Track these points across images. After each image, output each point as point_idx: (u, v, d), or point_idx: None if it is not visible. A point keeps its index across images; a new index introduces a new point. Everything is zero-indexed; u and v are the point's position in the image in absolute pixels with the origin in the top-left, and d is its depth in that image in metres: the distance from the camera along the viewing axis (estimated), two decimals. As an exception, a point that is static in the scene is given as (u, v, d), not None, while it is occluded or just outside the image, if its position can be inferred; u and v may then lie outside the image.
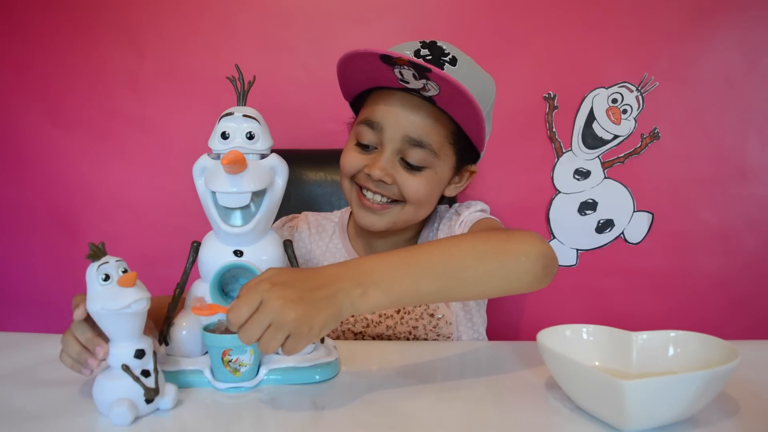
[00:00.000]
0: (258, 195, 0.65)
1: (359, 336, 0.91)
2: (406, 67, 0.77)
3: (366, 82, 0.87)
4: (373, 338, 0.91)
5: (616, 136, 1.36)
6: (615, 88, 1.35)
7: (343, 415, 0.59)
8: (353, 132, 0.90)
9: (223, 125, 0.65)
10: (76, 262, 1.34)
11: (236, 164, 0.61)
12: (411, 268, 0.64)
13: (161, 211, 1.40)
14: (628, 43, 1.33)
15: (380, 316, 0.90)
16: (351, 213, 1.02)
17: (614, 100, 1.35)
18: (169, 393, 0.59)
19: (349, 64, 0.83)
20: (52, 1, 1.37)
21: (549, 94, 1.35)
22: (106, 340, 0.58)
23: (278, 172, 0.67)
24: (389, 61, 0.77)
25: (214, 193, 0.65)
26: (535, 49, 1.34)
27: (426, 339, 0.90)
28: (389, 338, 0.90)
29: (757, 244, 1.36)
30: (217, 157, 0.65)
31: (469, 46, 0.90)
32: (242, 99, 0.67)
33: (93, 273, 0.55)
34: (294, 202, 1.19)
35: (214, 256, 0.67)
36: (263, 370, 0.66)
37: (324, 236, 1.01)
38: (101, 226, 1.41)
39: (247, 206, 0.65)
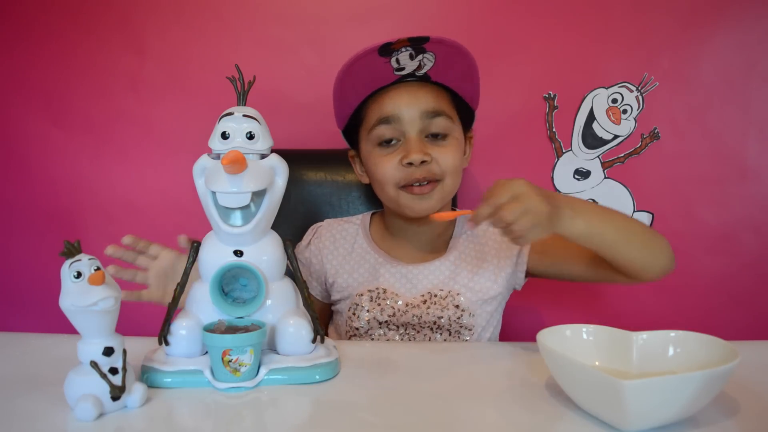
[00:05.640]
0: (258, 195, 0.65)
1: (385, 324, 0.93)
2: (403, 49, 0.85)
3: (362, 88, 0.92)
4: (398, 327, 0.93)
5: (616, 136, 1.36)
6: (615, 88, 1.35)
7: (343, 415, 0.59)
8: (369, 141, 0.94)
9: (223, 125, 0.65)
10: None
11: (236, 164, 0.61)
12: (606, 216, 0.81)
13: (162, 211, 1.40)
14: (628, 43, 1.33)
15: (407, 305, 0.93)
16: (373, 216, 1.06)
17: (614, 100, 1.35)
18: (136, 391, 0.59)
19: (348, 73, 0.89)
20: (54, 2, 1.37)
21: (549, 94, 1.35)
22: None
23: (278, 172, 0.67)
24: (386, 51, 0.84)
25: (214, 193, 0.65)
26: (535, 49, 1.34)
27: (449, 330, 0.93)
28: (414, 327, 0.93)
29: (757, 244, 1.36)
30: (217, 157, 0.65)
31: (469, 46, 0.90)
32: (242, 99, 0.68)
33: (66, 270, 0.57)
34: (294, 202, 1.18)
35: (214, 256, 0.67)
36: (263, 370, 0.66)
37: (348, 238, 1.03)
38: (102, 227, 1.41)
39: (247, 206, 0.65)
